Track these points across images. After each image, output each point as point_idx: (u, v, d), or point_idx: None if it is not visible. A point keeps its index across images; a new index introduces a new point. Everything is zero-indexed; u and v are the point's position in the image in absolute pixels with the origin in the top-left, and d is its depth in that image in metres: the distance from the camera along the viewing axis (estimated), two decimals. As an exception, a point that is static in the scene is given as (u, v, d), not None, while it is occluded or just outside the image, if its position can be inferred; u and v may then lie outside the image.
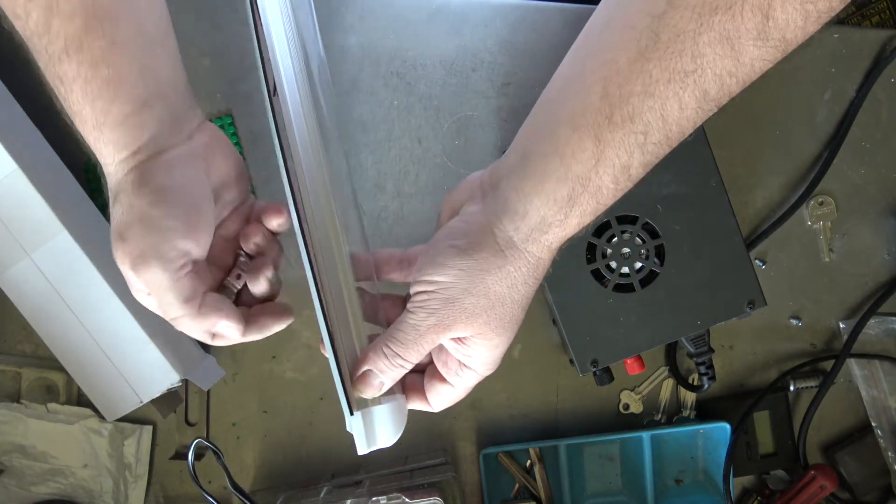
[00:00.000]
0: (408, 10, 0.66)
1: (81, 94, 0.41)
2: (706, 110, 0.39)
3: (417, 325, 0.43)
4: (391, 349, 0.44)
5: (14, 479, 0.66)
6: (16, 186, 0.57)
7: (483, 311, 0.43)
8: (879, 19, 0.96)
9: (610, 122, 0.39)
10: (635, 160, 0.40)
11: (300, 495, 0.64)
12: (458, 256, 0.43)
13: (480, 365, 0.46)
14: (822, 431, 0.69)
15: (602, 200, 0.41)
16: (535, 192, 0.41)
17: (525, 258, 0.43)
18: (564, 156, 0.40)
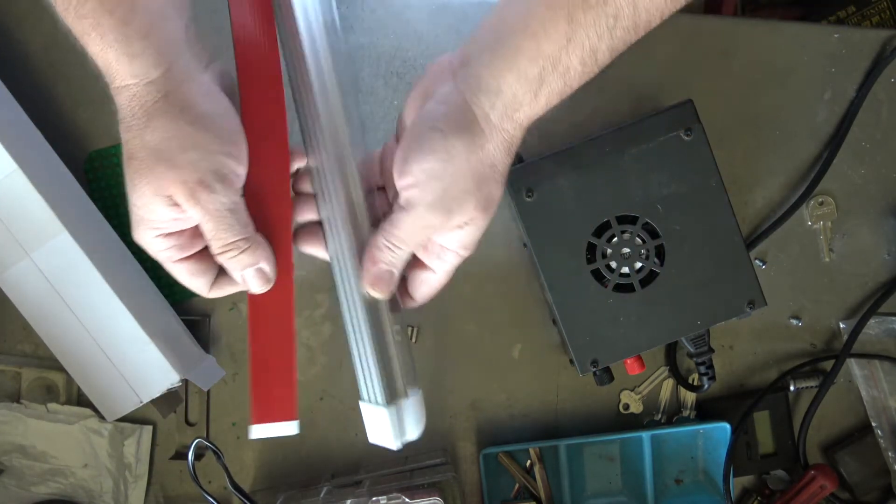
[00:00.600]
0: (408, 9, 0.66)
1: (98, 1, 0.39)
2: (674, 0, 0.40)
3: (416, 221, 0.44)
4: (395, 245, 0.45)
5: (14, 479, 0.66)
6: (16, 186, 0.57)
7: (471, 194, 0.43)
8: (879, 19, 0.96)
9: (584, 2, 0.39)
10: (604, 43, 0.41)
11: (300, 495, 0.64)
12: (443, 139, 0.42)
13: (462, 247, 0.46)
14: (822, 431, 0.69)
15: (569, 82, 0.42)
16: (507, 69, 0.41)
17: (501, 135, 0.43)
18: (537, 34, 0.40)
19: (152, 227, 0.44)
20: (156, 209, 0.42)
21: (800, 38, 0.67)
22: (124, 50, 0.40)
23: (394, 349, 0.48)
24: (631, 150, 0.58)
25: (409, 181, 0.43)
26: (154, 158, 0.41)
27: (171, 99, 0.41)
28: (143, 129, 0.41)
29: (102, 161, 0.65)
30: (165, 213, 0.43)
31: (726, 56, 0.67)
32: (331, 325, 0.67)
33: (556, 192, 0.59)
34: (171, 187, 0.42)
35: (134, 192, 0.42)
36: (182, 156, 0.41)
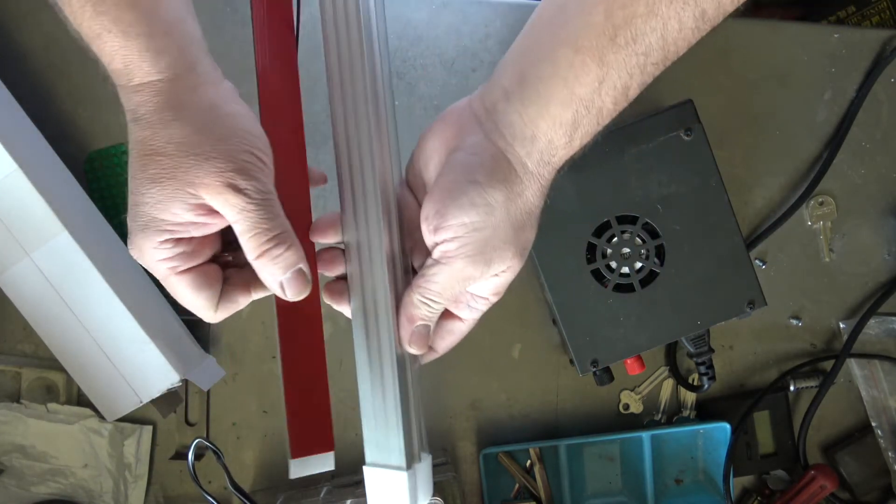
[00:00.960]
0: (408, 9, 0.66)
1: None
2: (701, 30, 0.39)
3: (455, 275, 0.42)
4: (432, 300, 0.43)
5: (14, 479, 0.66)
6: (16, 186, 0.57)
7: (511, 243, 0.42)
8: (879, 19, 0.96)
9: (613, 43, 0.38)
10: (635, 81, 0.40)
11: (300, 495, 0.64)
12: (482, 191, 0.41)
13: (495, 294, 0.45)
14: (822, 431, 0.69)
15: (602, 121, 0.41)
16: (540, 116, 0.41)
17: (539, 182, 0.42)
18: (567, 79, 0.40)
19: (163, 230, 0.40)
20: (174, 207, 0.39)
21: (800, 38, 0.67)
22: (148, 45, 0.38)
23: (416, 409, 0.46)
24: (631, 150, 0.58)
25: (448, 235, 0.42)
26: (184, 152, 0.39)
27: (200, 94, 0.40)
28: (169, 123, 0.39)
29: (102, 161, 0.65)
30: (185, 212, 0.40)
31: (726, 56, 0.67)
32: (330, 325, 0.67)
33: (556, 191, 0.58)
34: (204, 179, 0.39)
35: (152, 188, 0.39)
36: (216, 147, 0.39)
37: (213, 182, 0.39)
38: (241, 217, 0.40)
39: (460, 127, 0.44)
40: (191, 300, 0.44)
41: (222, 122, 0.40)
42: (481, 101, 0.43)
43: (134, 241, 0.41)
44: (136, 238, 0.40)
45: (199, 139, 0.39)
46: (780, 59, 0.67)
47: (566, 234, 0.59)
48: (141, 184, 0.39)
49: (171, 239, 0.40)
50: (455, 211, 0.41)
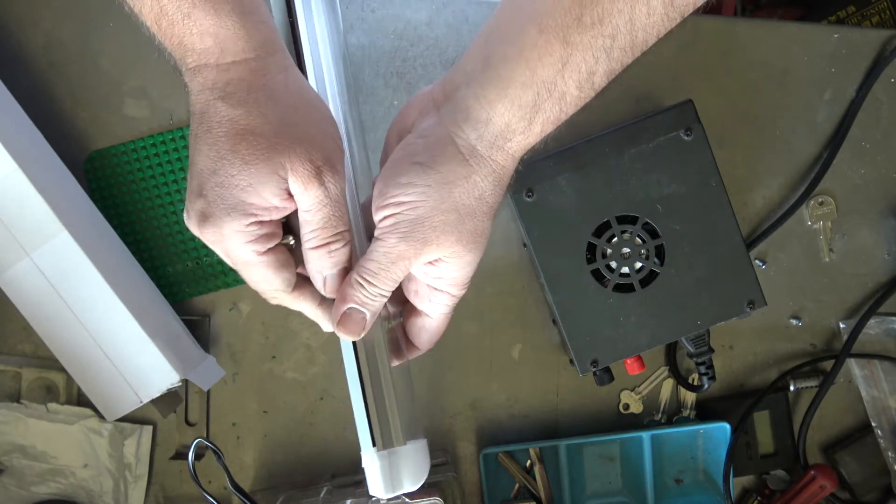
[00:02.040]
0: (408, 10, 0.66)
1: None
2: (671, 18, 0.38)
3: (389, 252, 0.41)
4: (367, 279, 0.42)
5: (14, 479, 0.66)
6: (16, 186, 0.57)
7: (454, 227, 0.41)
8: (879, 19, 0.96)
9: (579, 23, 0.37)
10: (601, 66, 0.39)
11: (300, 495, 0.64)
12: (422, 172, 0.40)
13: (452, 286, 0.44)
14: (822, 431, 0.69)
15: (565, 108, 0.40)
16: (498, 97, 0.39)
17: (490, 166, 0.41)
18: (530, 59, 0.38)
19: (250, 214, 0.40)
20: (265, 190, 0.39)
21: (800, 38, 0.67)
22: (243, 23, 0.38)
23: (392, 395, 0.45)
24: (631, 150, 0.58)
25: (386, 213, 0.41)
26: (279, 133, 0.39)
27: (290, 75, 0.40)
28: (265, 103, 0.39)
29: (102, 161, 0.65)
30: (273, 197, 0.39)
31: (726, 56, 0.67)
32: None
33: (556, 192, 0.59)
34: (295, 164, 0.39)
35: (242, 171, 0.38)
36: (307, 133, 0.39)
37: (302, 168, 0.39)
38: (317, 209, 0.41)
39: (419, 112, 0.43)
40: (273, 281, 0.43)
41: (311, 105, 0.41)
42: (442, 87, 0.43)
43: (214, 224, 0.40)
44: (219, 221, 0.40)
45: (294, 122, 0.39)
46: (780, 59, 0.67)
47: (566, 234, 0.59)
48: (231, 165, 0.38)
49: (256, 221, 0.40)
50: (393, 189, 0.41)
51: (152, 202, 0.66)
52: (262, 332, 0.67)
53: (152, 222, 0.66)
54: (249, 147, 0.38)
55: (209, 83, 0.39)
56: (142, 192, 0.65)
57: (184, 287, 0.66)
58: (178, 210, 0.66)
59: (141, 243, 0.66)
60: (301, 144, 0.39)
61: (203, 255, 0.66)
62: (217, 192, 0.39)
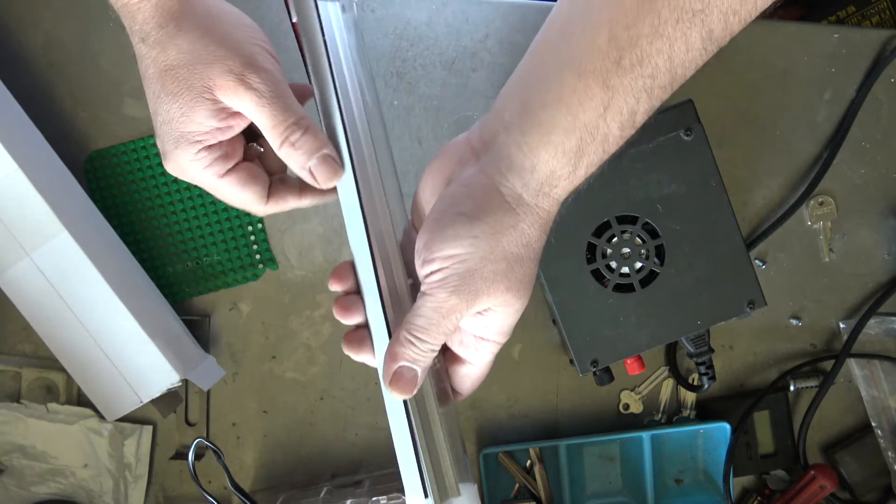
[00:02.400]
0: (408, 10, 0.66)
1: None
2: (709, 51, 0.38)
3: (440, 307, 0.40)
4: (417, 336, 0.41)
5: (14, 479, 0.66)
6: (16, 186, 0.57)
7: (503, 276, 0.40)
8: (879, 19, 0.96)
9: (618, 66, 0.37)
10: (642, 105, 0.38)
11: (300, 495, 0.64)
12: (468, 224, 0.40)
13: (499, 334, 0.43)
14: (822, 431, 0.69)
15: (608, 149, 0.39)
16: (541, 144, 0.39)
17: (537, 213, 0.40)
18: (571, 105, 0.38)
19: (194, 141, 0.42)
20: (198, 115, 0.41)
21: (800, 38, 0.67)
22: None
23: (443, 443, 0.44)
24: (631, 150, 0.58)
25: (434, 268, 0.40)
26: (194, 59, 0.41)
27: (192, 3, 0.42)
28: (174, 36, 0.41)
29: (102, 161, 0.65)
30: (208, 120, 0.42)
31: (726, 56, 0.67)
32: (331, 325, 0.67)
33: (556, 192, 0.59)
34: (217, 80, 0.41)
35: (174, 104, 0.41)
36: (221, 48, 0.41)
37: (225, 82, 0.41)
38: (258, 112, 0.42)
39: (458, 161, 0.43)
40: (240, 197, 0.45)
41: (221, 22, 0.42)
42: (480, 134, 0.42)
43: (171, 160, 0.43)
44: (173, 156, 0.43)
45: (204, 43, 0.41)
46: (780, 59, 0.67)
47: (566, 234, 0.59)
48: (162, 102, 0.42)
49: (203, 147, 0.43)
50: (440, 243, 0.40)
51: (152, 202, 0.66)
52: (262, 332, 0.67)
53: (152, 222, 0.66)
54: (172, 80, 0.41)
55: (134, 30, 0.42)
56: (142, 192, 0.65)
57: (184, 287, 0.66)
58: (178, 210, 0.66)
59: (141, 243, 0.66)
60: (216, 62, 0.41)
61: (203, 256, 0.66)
62: (164, 130, 0.42)
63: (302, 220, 0.67)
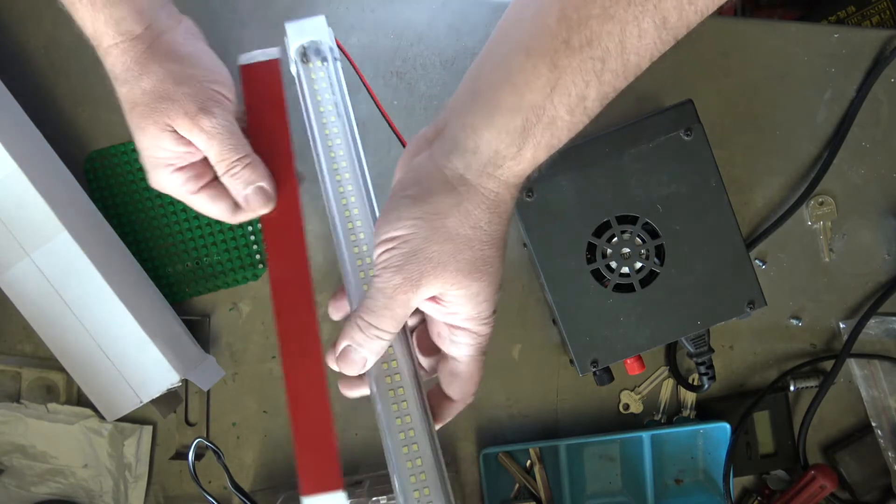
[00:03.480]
0: (408, 10, 0.66)
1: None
2: (664, 41, 0.38)
3: (384, 288, 0.41)
4: (363, 319, 0.42)
5: (14, 479, 0.66)
6: (16, 186, 0.57)
7: (450, 257, 0.40)
8: (879, 19, 0.96)
9: (567, 46, 0.37)
10: (592, 90, 0.38)
11: (300, 495, 0.64)
12: (412, 205, 0.40)
13: (468, 321, 0.43)
14: (822, 431, 0.69)
15: (557, 134, 0.39)
16: (484, 125, 0.39)
17: (482, 194, 0.40)
18: (517, 84, 0.38)
19: (166, 164, 0.49)
20: (164, 144, 0.48)
21: (800, 38, 0.67)
22: (111, 14, 0.46)
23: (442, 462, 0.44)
24: (631, 150, 0.58)
25: (380, 251, 0.41)
26: (155, 99, 0.47)
27: (156, 47, 0.48)
28: (139, 78, 0.47)
29: (102, 161, 0.65)
30: (174, 147, 0.48)
31: (726, 56, 0.67)
32: (330, 325, 0.67)
33: (556, 192, 0.59)
34: (175, 120, 0.47)
35: (143, 136, 0.48)
36: (178, 90, 0.47)
37: (180, 122, 0.47)
38: (207, 147, 0.48)
39: (415, 152, 0.44)
40: (212, 210, 0.51)
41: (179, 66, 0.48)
42: (435, 124, 0.43)
43: (152, 179, 0.50)
44: (153, 176, 0.50)
45: (164, 87, 0.47)
46: (780, 59, 0.67)
47: (566, 234, 0.59)
48: (135, 132, 0.48)
49: (175, 169, 0.49)
50: (385, 226, 0.41)
51: (152, 202, 0.66)
52: (262, 332, 0.67)
53: (152, 222, 0.66)
54: (139, 116, 0.47)
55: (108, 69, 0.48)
56: (142, 192, 0.65)
57: (184, 287, 0.66)
58: (178, 210, 0.66)
59: (141, 243, 0.66)
60: (175, 103, 0.47)
61: (203, 256, 0.66)
62: (142, 154, 0.49)
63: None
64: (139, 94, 0.47)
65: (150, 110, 0.47)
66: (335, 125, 0.51)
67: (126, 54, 0.47)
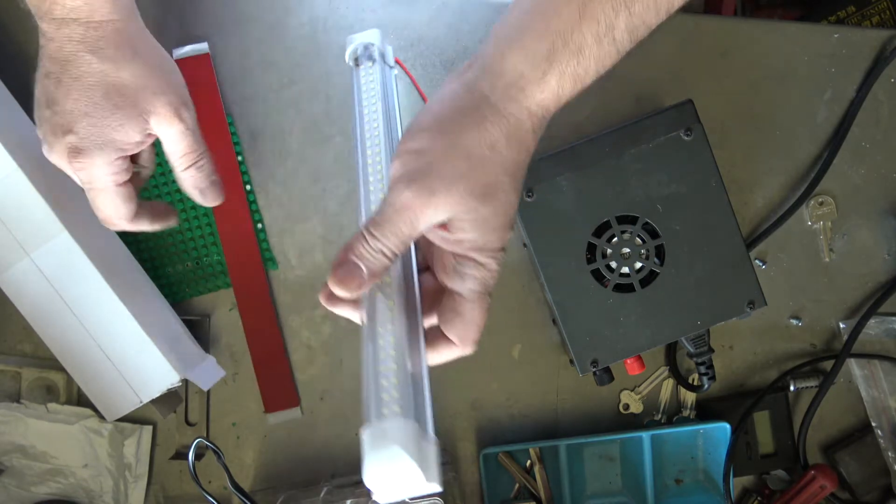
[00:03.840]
0: (408, 9, 0.66)
1: None
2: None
3: (394, 202, 0.39)
4: (370, 231, 0.40)
5: (14, 479, 0.66)
6: (16, 186, 0.57)
7: (462, 177, 0.39)
8: (879, 19, 0.96)
9: None
10: (621, 20, 0.38)
11: (300, 495, 0.64)
12: (432, 120, 0.40)
13: (476, 251, 0.41)
14: (822, 431, 0.69)
15: (583, 63, 0.39)
16: (511, 48, 0.40)
17: (503, 116, 0.40)
18: (546, 11, 0.39)
19: (119, 149, 0.48)
20: (131, 129, 0.48)
21: (800, 38, 0.67)
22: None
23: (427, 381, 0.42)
24: (631, 150, 0.58)
25: (395, 164, 0.41)
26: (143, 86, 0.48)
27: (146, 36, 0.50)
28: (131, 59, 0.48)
29: (102, 161, 0.65)
30: (136, 134, 0.48)
31: (726, 56, 0.67)
32: (331, 325, 0.67)
33: (556, 192, 0.59)
34: (158, 109, 0.48)
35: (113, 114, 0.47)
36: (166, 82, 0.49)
37: (164, 112, 0.48)
38: (180, 139, 0.50)
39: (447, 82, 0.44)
40: (120, 209, 0.51)
41: (164, 61, 0.50)
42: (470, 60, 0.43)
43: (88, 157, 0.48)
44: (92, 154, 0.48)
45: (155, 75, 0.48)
46: (780, 59, 0.67)
47: (566, 234, 0.59)
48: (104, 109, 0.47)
49: (122, 156, 0.49)
50: (406, 141, 0.41)
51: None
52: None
53: (152, 222, 0.66)
54: (120, 96, 0.47)
55: (77, 36, 0.47)
56: (141, 192, 0.65)
57: (184, 287, 0.66)
58: (178, 210, 0.66)
59: (141, 243, 0.66)
60: (162, 94, 0.48)
61: (203, 256, 0.66)
62: (90, 131, 0.47)
63: (302, 221, 0.67)
64: (127, 75, 0.47)
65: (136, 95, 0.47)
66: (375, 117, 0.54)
67: (119, 34, 0.47)
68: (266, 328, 0.65)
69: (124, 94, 0.47)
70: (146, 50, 0.49)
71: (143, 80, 0.48)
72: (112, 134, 0.47)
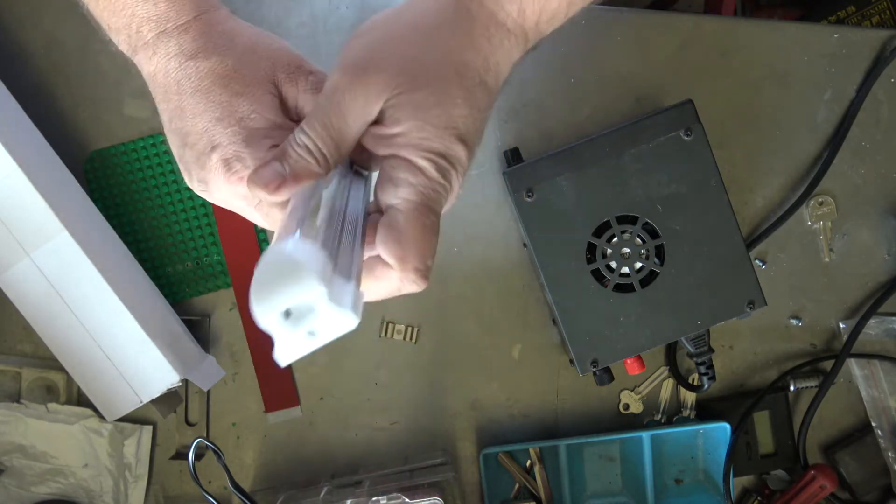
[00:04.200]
0: (408, 10, 0.66)
1: None
2: None
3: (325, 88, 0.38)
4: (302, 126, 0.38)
5: (14, 479, 0.66)
6: (16, 186, 0.57)
7: (399, 48, 0.37)
8: (879, 19, 0.96)
9: None
10: None
11: (300, 495, 0.64)
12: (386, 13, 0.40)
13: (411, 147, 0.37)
14: (822, 431, 0.69)
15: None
16: None
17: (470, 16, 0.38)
18: None
19: (266, 137, 0.41)
20: (266, 111, 0.41)
21: (800, 38, 0.67)
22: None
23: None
24: (631, 150, 0.58)
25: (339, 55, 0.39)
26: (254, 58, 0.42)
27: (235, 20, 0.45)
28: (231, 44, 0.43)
29: (102, 161, 0.65)
30: (273, 114, 0.42)
31: (726, 56, 0.67)
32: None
33: (556, 192, 0.59)
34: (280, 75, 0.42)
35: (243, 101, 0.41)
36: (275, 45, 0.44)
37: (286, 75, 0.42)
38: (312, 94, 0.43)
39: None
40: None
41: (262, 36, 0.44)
42: None
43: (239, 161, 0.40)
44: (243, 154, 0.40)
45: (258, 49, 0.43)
46: (780, 59, 0.67)
47: (566, 234, 0.59)
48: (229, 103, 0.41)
49: (272, 145, 0.41)
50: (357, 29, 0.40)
51: (152, 202, 0.66)
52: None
53: (152, 222, 0.66)
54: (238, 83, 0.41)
55: (174, 49, 0.42)
56: (142, 192, 0.65)
57: (184, 287, 0.66)
58: (178, 210, 0.66)
59: (141, 243, 0.66)
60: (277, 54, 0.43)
61: (203, 256, 0.66)
62: (230, 132, 0.41)
63: (302, 220, 0.67)
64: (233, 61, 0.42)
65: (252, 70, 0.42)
66: None
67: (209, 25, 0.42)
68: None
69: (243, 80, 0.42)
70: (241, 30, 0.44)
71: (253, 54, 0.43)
72: (250, 124, 0.41)
